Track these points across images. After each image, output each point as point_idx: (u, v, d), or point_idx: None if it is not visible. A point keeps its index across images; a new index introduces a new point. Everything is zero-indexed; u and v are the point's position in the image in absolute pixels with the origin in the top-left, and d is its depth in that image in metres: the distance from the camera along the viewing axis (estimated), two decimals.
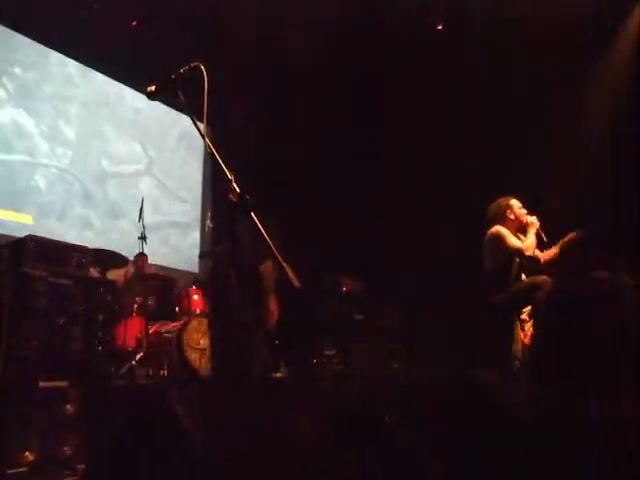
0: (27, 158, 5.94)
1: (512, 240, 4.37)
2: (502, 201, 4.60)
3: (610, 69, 6.15)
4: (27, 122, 6.01)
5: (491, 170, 6.17)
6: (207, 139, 2.34)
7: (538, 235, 4.42)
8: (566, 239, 4.51)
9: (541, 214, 4.57)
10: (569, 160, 5.94)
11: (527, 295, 4.24)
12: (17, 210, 5.73)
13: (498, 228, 4.44)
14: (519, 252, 4.35)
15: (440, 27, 6.66)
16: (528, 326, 4.25)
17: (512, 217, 4.52)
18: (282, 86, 7.13)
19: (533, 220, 4.47)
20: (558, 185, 5.87)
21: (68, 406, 3.67)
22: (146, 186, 7.08)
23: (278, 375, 5.44)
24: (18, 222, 5.65)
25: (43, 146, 6.12)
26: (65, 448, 3.55)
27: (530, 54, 6.02)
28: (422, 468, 2.24)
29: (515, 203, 4.58)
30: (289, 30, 6.55)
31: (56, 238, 5.58)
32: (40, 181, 6.03)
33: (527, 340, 4.20)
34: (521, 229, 4.53)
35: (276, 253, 2.15)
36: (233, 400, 2.49)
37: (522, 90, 6.13)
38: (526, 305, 4.27)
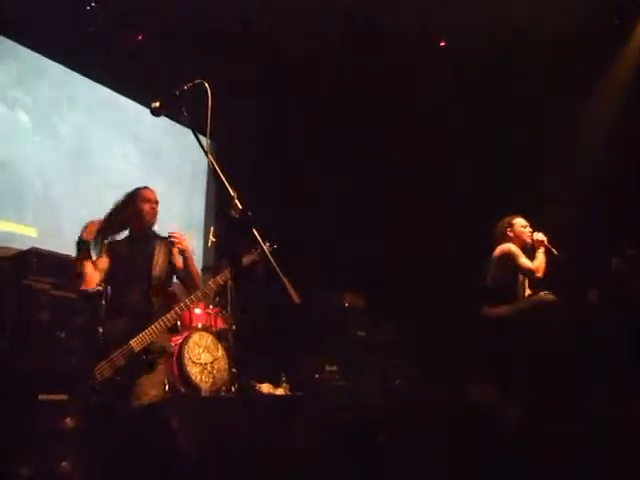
0: (20, 166, 5.84)
1: (523, 260, 4.35)
2: (505, 219, 4.59)
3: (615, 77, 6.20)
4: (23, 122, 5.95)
5: (493, 186, 6.19)
6: (210, 155, 2.35)
7: (548, 251, 4.41)
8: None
9: (547, 228, 4.54)
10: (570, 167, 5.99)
11: (532, 310, 4.22)
12: (21, 222, 5.72)
13: (510, 246, 4.42)
14: (530, 273, 4.34)
15: (443, 44, 6.71)
16: None
17: (511, 235, 4.50)
18: (285, 100, 7.17)
19: (539, 237, 4.44)
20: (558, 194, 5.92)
21: (68, 420, 3.66)
22: None
23: (279, 391, 5.41)
24: (22, 235, 5.64)
25: (37, 155, 6.01)
26: (64, 463, 3.53)
27: (532, 59, 6.05)
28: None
29: (517, 222, 4.55)
30: (293, 42, 6.60)
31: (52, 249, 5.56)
32: (34, 188, 5.93)
33: None
34: (525, 247, 4.49)
35: (277, 268, 2.15)
36: (232, 415, 2.48)
37: (524, 94, 6.14)
38: (529, 320, 4.25)
